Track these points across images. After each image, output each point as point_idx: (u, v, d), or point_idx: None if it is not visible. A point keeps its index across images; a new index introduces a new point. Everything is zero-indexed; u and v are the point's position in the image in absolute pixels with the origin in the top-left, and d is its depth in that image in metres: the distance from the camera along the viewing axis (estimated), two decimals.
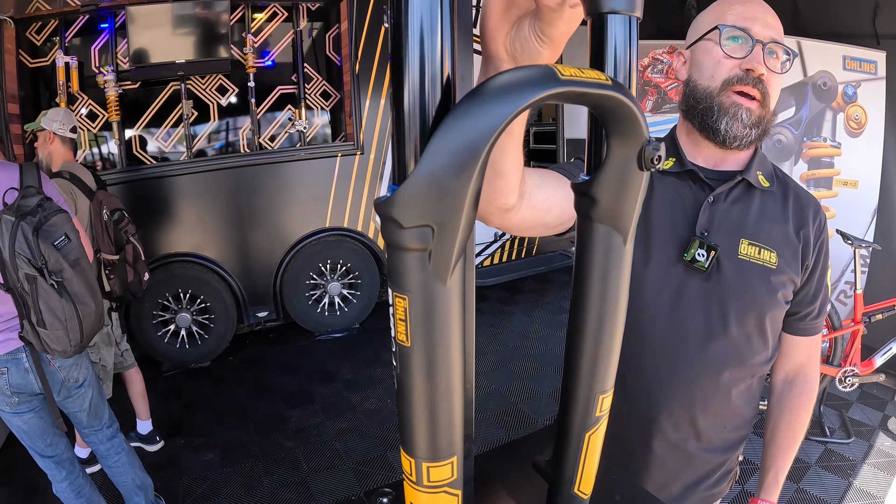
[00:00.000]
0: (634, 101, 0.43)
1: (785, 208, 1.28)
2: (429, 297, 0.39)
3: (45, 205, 2.22)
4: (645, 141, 0.43)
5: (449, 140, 0.33)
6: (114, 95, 4.67)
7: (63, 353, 2.26)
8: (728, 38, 1.19)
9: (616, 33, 0.47)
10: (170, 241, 4.84)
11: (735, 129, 1.19)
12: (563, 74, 0.36)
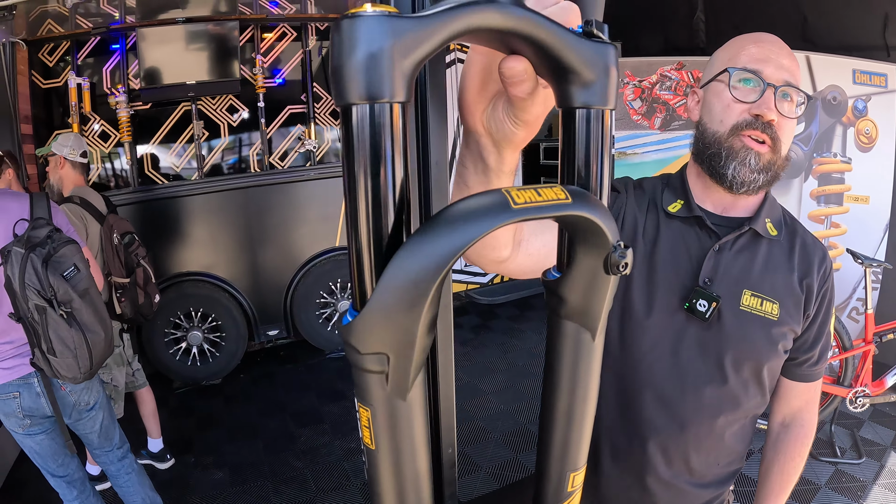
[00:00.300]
0: (598, 211, 0.43)
1: (791, 257, 1.26)
2: (389, 411, 0.41)
3: (55, 236, 2.26)
4: (611, 248, 0.44)
5: (398, 277, 0.35)
6: (125, 116, 4.73)
7: (73, 379, 2.30)
8: (738, 80, 1.17)
9: (587, 128, 0.46)
10: (181, 261, 4.89)
11: (743, 175, 1.17)
12: (516, 202, 0.37)
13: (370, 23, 0.33)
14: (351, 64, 0.34)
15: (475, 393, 4.49)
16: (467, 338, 5.56)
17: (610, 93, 0.45)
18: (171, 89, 4.79)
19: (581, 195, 0.42)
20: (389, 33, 0.33)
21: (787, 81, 1.15)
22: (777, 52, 1.17)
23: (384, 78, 0.34)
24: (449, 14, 0.35)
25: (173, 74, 4.75)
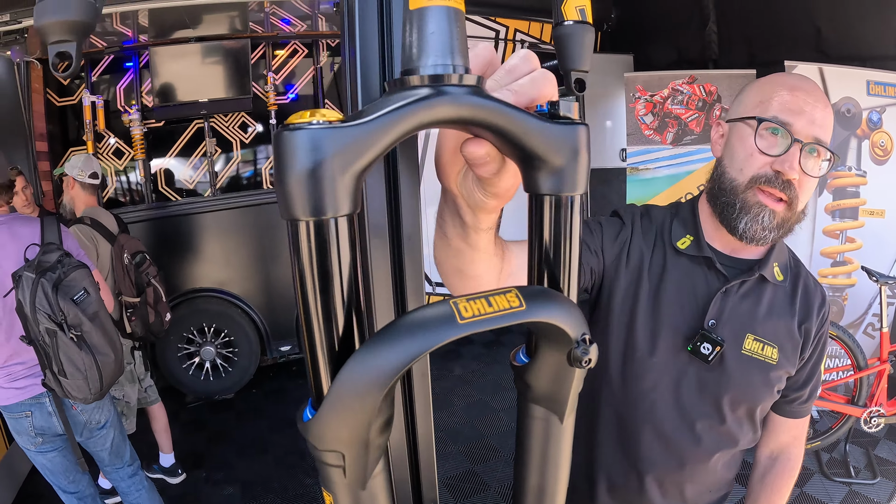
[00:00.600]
0: (556, 311, 0.41)
1: (793, 302, 1.25)
2: (350, 499, 0.40)
3: (65, 260, 2.29)
4: (574, 344, 0.42)
5: (346, 388, 0.35)
6: (139, 133, 4.80)
7: (84, 399, 2.34)
8: (766, 130, 1.13)
9: (555, 216, 0.45)
10: (195, 277, 4.93)
11: (754, 231, 1.14)
12: (462, 316, 0.36)
13: (308, 137, 0.33)
14: (290, 180, 0.33)
15: (486, 410, 4.46)
16: (479, 353, 5.53)
17: (579, 178, 0.43)
18: (184, 107, 4.85)
19: (537, 297, 0.40)
20: (329, 147, 0.33)
21: (816, 138, 1.11)
22: (812, 105, 1.12)
23: (325, 194, 0.33)
24: (394, 116, 0.34)
25: (186, 92, 4.81)
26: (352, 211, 0.35)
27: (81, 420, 2.54)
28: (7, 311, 2.30)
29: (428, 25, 0.37)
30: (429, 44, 0.37)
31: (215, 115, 5.06)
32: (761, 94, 1.17)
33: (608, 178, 6.29)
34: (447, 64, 0.37)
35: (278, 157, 0.34)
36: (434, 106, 0.36)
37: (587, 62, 0.69)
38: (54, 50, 0.44)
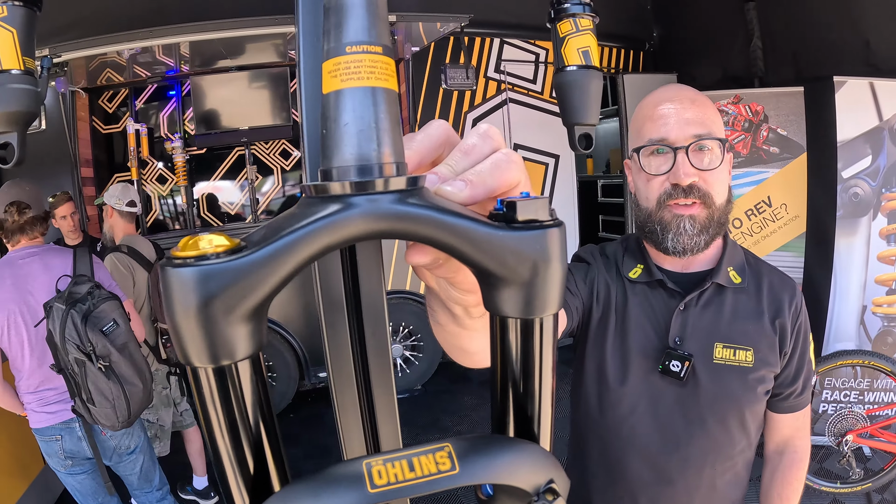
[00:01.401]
0: (507, 463, 0.32)
1: (759, 301, 1.26)
2: None
3: (95, 292, 2.34)
4: (532, 498, 0.33)
5: None
6: (181, 161, 4.88)
7: (112, 427, 2.38)
8: (648, 155, 1.19)
9: (521, 342, 0.36)
10: None
11: (683, 242, 1.18)
12: (375, 485, 0.29)
13: (190, 279, 0.26)
14: (176, 323, 0.27)
15: None
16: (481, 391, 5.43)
17: (550, 295, 0.34)
18: (225, 134, 4.94)
19: (476, 454, 0.32)
20: (213, 287, 0.26)
21: (695, 135, 1.15)
22: (678, 108, 1.16)
23: (216, 340, 0.27)
24: (291, 242, 0.28)
25: (227, 120, 4.89)
26: (252, 353, 0.29)
27: (111, 445, 2.58)
28: (40, 340, 2.35)
29: (343, 114, 0.30)
30: (343, 139, 0.30)
31: (256, 142, 5.13)
32: (635, 124, 1.24)
33: None
34: (366, 165, 0.29)
35: (168, 299, 0.27)
36: (341, 225, 0.28)
37: (594, 114, 0.60)
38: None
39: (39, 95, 0.45)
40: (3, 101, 0.43)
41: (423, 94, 5.30)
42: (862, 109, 3.77)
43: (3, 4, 0.46)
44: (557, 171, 6.15)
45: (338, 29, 0.30)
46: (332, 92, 0.30)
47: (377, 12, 0.30)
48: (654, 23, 6.74)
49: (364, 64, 0.30)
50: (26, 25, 0.47)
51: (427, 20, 4.28)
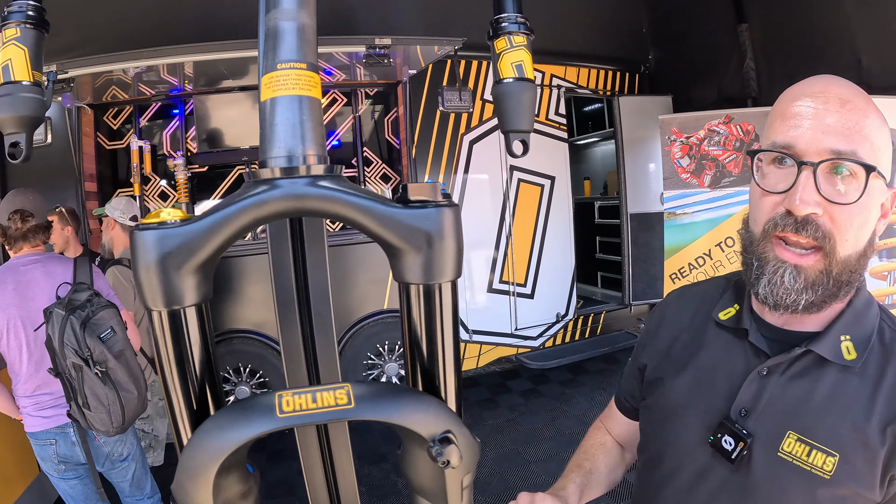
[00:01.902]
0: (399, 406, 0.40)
1: (875, 393, 0.88)
2: None
3: (94, 300, 2.42)
4: (429, 444, 0.41)
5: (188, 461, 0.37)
6: (183, 178, 4.96)
7: (106, 432, 2.43)
8: (770, 163, 0.90)
9: (422, 304, 0.43)
10: (233, 318, 5.01)
11: (777, 294, 0.89)
12: (283, 410, 0.37)
13: (149, 238, 0.35)
14: (138, 274, 0.35)
15: (517, 461, 4.35)
16: (516, 403, 5.41)
17: (446, 264, 0.41)
18: (227, 153, 5.03)
19: (374, 393, 0.39)
20: (165, 246, 0.35)
21: (833, 150, 0.83)
22: (821, 110, 0.85)
23: (171, 288, 0.35)
24: (225, 214, 0.36)
25: (229, 139, 5.00)
26: (197, 301, 0.37)
27: (104, 451, 2.64)
28: (38, 345, 2.41)
29: (275, 116, 0.38)
30: (274, 134, 0.38)
31: (256, 161, 5.18)
32: (769, 118, 0.94)
33: (651, 224, 6.24)
34: (292, 154, 0.38)
35: (133, 254, 0.36)
36: (266, 201, 0.36)
37: (528, 122, 0.67)
38: (9, 140, 0.49)
39: (45, 104, 0.53)
40: (14, 107, 0.52)
41: (421, 116, 5.40)
42: None
43: (17, 26, 0.55)
44: (553, 192, 6.23)
45: (273, 50, 0.39)
46: (267, 99, 0.39)
47: (304, 37, 0.39)
48: (650, 45, 6.86)
49: (291, 77, 0.38)
50: (35, 44, 0.56)
51: (422, 43, 4.39)
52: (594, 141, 8.85)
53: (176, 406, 0.39)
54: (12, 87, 0.55)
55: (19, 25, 0.56)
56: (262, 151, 0.39)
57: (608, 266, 7.64)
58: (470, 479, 0.45)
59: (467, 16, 4.03)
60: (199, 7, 4.40)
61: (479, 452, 0.43)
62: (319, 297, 0.50)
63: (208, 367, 0.39)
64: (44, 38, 0.59)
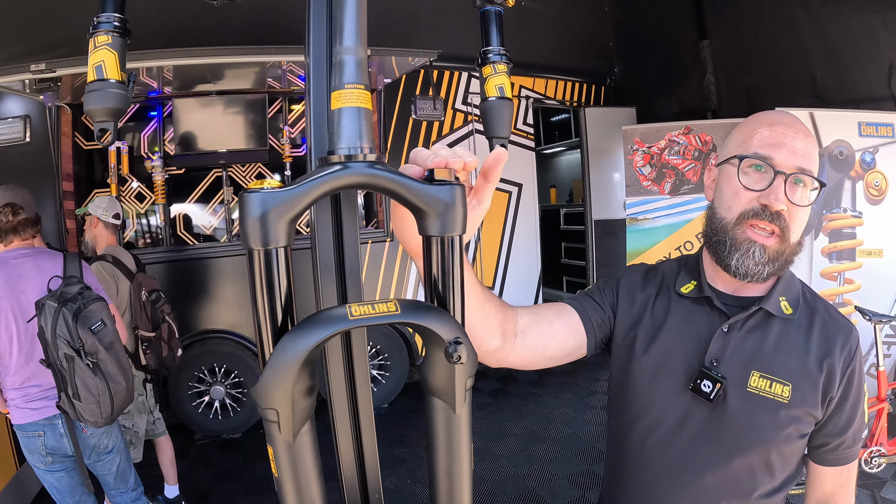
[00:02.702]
0: (427, 317, 0.58)
1: (808, 337, 1.19)
2: (283, 450, 0.57)
3: (85, 293, 2.49)
4: (447, 344, 0.59)
5: (274, 363, 0.52)
6: (160, 179, 5.03)
7: (94, 423, 2.49)
8: (748, 166, 1.15)
9: (440, 251, 0.61)
10: (208, 318, 5.09)
11: (747, 266, 1.14)
12: (353, 315, 0.54)
13: (256, 198, 0.51)
14: (247, 224, 0.51)
15: (487, 456, 4.50)
16: (485, 402, 5.58)
17: (456, 223, 0.60)
18: (204, 156, 5.09)
19: (411, 306, 0.57)
20: (268, 204, 0.51)
21: (799, 168, 1.12)
22: (792, 136, 1.14)
23: (269, 233, 0.51)
24: (312, 184, 0.53)
25: (206, 142, 5.05)
26: (286, 244, 0.53)
27: (91, 443, 2.69)
28: (29, 337, 2.48)
29: (342, 120, 0.56)
30: (342, 133, 0.55)
31: (233, 164, 5.30)
32: (743, 134, 1.20)
33: (614, 230, 6.45)
34: (354, 147, 0.55)
35: (241, 209, 0.52)
36: (340, 176, 0.54)
37: (506, 130, 0.89)
38: (98, 126, 0.65)
39: (128, 99, 0.69)
40: (105, 100, 0.67)
41: (394, 123, 5.58)
42: None
43: (107, 34, 0.70)
44: (520, 199, 6.44)
45: (339, 74, 0.56)
46: (337, 108, 0.56)
47: (360, 66, 0.57)
48: (616, 59, 7.10)
49: (354, 94, 0.56)
50: (121, 49, 0.71)
51: (399, 55, 4.55)
52: (561, 150, 9.11)
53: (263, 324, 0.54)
54: (103, 84, 0.68)
55: (109, 33, 0.69)
56: (332, 144, 0.55)
57: (573, 271, 7.90)
58: (471, 382, 0.62)
59: (440, 28, 4.19)
60: (179, 12, 4.46)
61: (476, 363, 0.61)
62: (351, 257, 0.67)
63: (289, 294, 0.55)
64: (127, 45, 0.72)
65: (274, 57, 4.28)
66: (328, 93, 0.58)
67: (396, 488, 4.10)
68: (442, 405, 0.64)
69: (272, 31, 4.32)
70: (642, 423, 1.24)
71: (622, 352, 1.29)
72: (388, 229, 5.63)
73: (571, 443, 4.67)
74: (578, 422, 5.06)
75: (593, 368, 6.27)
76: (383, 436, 4.83)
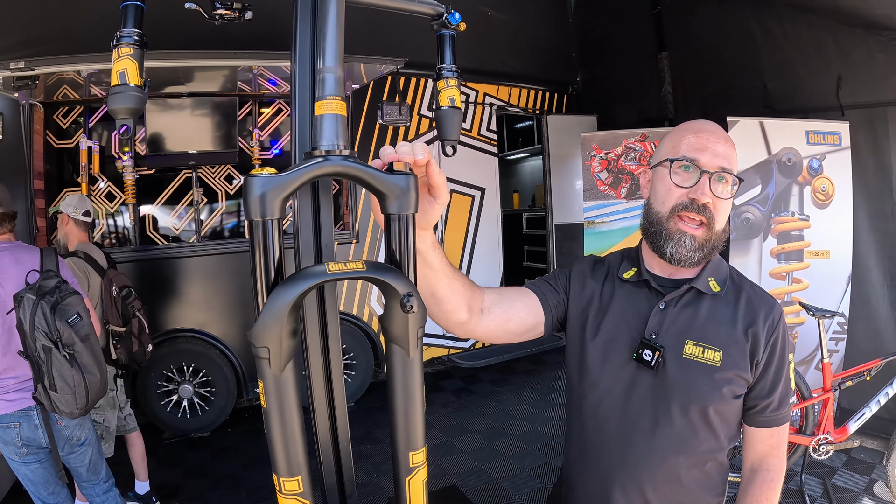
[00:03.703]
0: (386, 274, 0.74)
1: (735, 310, 1.37)
2: (272, 382, 0.73)
3: (62, 286, 2.57)
4: (402, 297, 0.75)
5: (268, 310, 0.68)
6: (130, 179, 5.07)
7: (70, 414, 2.55)
8: (678, 167, 1.33)
9: (398, 226, 0.79)
10: (177, 317, 5.12)
11: (679, 253, 1.32)
12: (330, 270, 0.69)
13: (258, 180, 0.67)
14: (250, 200, 0.67)
15: (451, 452, 4.61)
16: (449, 400, 5.70)
17: (409, 204, 0.77)
18: (174, 157, 5.13)
19: (373, 266, 0.73)
20: (267, 186, 0.67)
21: (721, 167, 1.31)
22: (714, 141, 1.33)
23: (266, 208, 0.67)
24: (299, 171, 0.69)
25: (176, 143, 5.09)
26: (280, 217, 0.69)
27: (65, 435, 2.74)
28: (6, 329, 2.54)
29: (324, 124, 0.72)
30: (324, 133, 0.71)
31: (203, 166, 5.35)
32: (673, 140, 1.38)
33: (574, 234, 6.64)
34: (333, 144, 0.72)
35: (245, 189, 0.68)
36: (322, 166, 0.70)
37: (455, 134, 1.08)
38: (119, 123, 0.80)
39: (144, 100, 0.84)
40: (128, 101, 0.81)
41: (361, 128, 5.70)
42: (752, 145, 4.28)
43: (129, 45, 0.84)
44: (483, 203, 6.63)
45: (322, 87, 0.73)
46: (320, 115, 0.72)
47: (338, 81, 0.73)
48: (579, 68, 7.32)
49: (333, 104, 0.73)
50: (140, 59, 0.85)
51: (368, 62, 4.68)
52: (524, 156, 9.33)
53: (259, 279, 0.69)
54: (125, 88, 0.80)
55: (131, 45, 0.82)
56: (314, 141, 0.71)
57: (535, 273, 8.10)
58: (422, 332, 0.79)
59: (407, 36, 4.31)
60: (154, 14, 4.51)
61: (426, 315, 0.77)
62: (327, 236, 0.82)
63: (280, 257, 0.70)
64: (144, 54, 0.86)
65: (247, 61, 4.37)
66: (311, 101, 0.74)
67: (363, 482, 4.16)
68: (399, 350, 0.80)
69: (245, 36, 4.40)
70: (595, 393, 1.40)
71: (575, 331, 1.46)
72: (353, 231, 5.73)
73: (533, 438, 4.81)
74: (540, 418, 5.20)
75: (553, 368, 6.44)
76: (350, 432, 4.93)
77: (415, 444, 0.86)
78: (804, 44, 4.69)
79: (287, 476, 0.78)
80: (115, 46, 0.86)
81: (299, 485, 0.80)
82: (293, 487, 0.80)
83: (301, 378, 0.77)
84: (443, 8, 1.06)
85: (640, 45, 6.34)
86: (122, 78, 0.84)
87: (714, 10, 5.44)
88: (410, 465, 0.87)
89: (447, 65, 1.10)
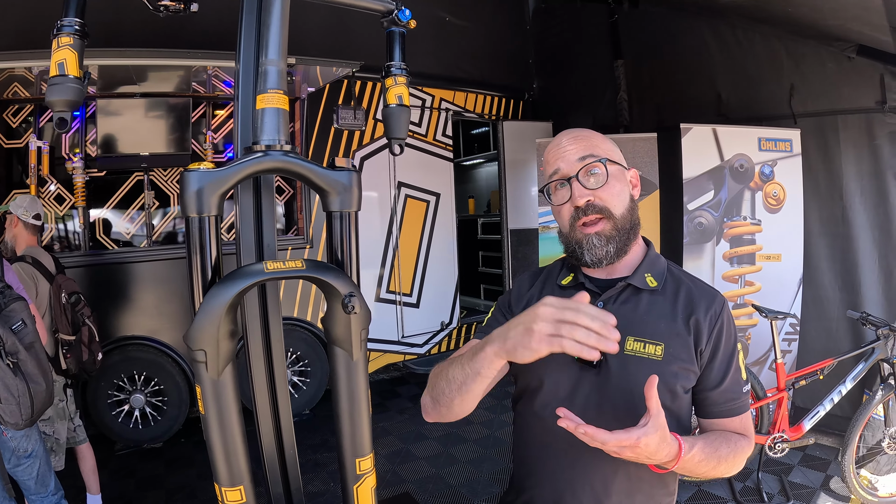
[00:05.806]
0: (327, 274, 0.72)
1: (675, 304, 1.37)
2: (209, 387, 0.70)
3: (6, 292, 2.49)
4: (343, 297, 0.73)
5: (203, 310, 0.65)
6: (81, 181, 4.92)
7: (15, 425, 2.46)
8: (554, 188, 1.38)
9: (339, 224, 0.78)
10: (127, 324, 4.99)
11: (595, 255, 1.34)
12: (268, 269, 0.67)
13: (195, 175, 0.64)
14: (186, 195, 0.65)
15: (408, 458, 4.60)
16: (405, 407, 5.69)
17: (353, 201, 0.76)
18: (126, 159, 5.01)
19: (313, 264, 0.72)
20: (204, 180, 0.65)
21: (580, 159, 1.34)
22: (565, 144, 1.38)
23: (203, 204, 0.65)
24: (238, 167, 0.67)
25: (128, 145, 4.97)
26: (217, 214, 0.66)
27: (10, 446, 2.67)
28: None
29: (265, 118, 0.69)
30: (265, 127, 0.69)
31: (155, 168, 5.24)
32: (544, 165, 1.42)
33: (529, 239, 6.72)
34: (273, 139, 0.70)
35: (182, 184, 0.65)
36: (262, 162, 0.68)
37: (404, 132, 1.07)
38: (57, 116, 0.77)
39: (83, 92, 0.81)
40: (65, 92, 0.79)
41: (316, 132, 5.65)
42: (705, 151, 4.37)
43: (70, 35, 0.81)
44: (438, 208, 6.64)
45: (264, 80, 0.71)
46: (261, 108, 0.70)
47: (281, 74, 0.70)
48: (535, 75, 7.39)
49: (275, 97, 0.70)
50: (81, 49, 0.82)
51: (323, 64, 4.66)
52: (479, 162, 9.37)
53: (195, 278, 0.67)
54: (64, 79, 0.78)
55: (72, 35, 0.79)
56: (255, 136, 0.69)
57: (490, 279, 8.16)
58: (365, 334, 0.77)
59: (363, 39, 4.30)
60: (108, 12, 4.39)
61: (370, 317, 0.75)
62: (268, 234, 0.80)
63: (218, 255, 0.68)
64: (84, 45, 0.83)
65: (201, 61, 4.31)
66: (254, 95, 0.72)
67: (320, 491, 4.13)
68: (342, 353, 0.78)
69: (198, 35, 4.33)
70: (540, 396, 1.39)
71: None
72: (308, 235, 5.69)
73: (490, 443, 4.84)
74: (496, 423, 5.22)
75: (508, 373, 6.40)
76: (305, 441, 4.88)
77: (361, 451, 0.84)
78: (757, 53, 4.84)
79: (229, 486, 0.76)
80: (54, 36, 0.83)
81: (241, 494, 0.78)
82: (235, 497, 0.77)
83: (246, 382, 0.75)
84: (393, 5, 1.05)
85: (597, 53, 6.44)
86: (60, 69, 0.81)
87: (669, 20, 5.56)
88: (358, 472, 0.85)
89: (396, 62, 1.09)
